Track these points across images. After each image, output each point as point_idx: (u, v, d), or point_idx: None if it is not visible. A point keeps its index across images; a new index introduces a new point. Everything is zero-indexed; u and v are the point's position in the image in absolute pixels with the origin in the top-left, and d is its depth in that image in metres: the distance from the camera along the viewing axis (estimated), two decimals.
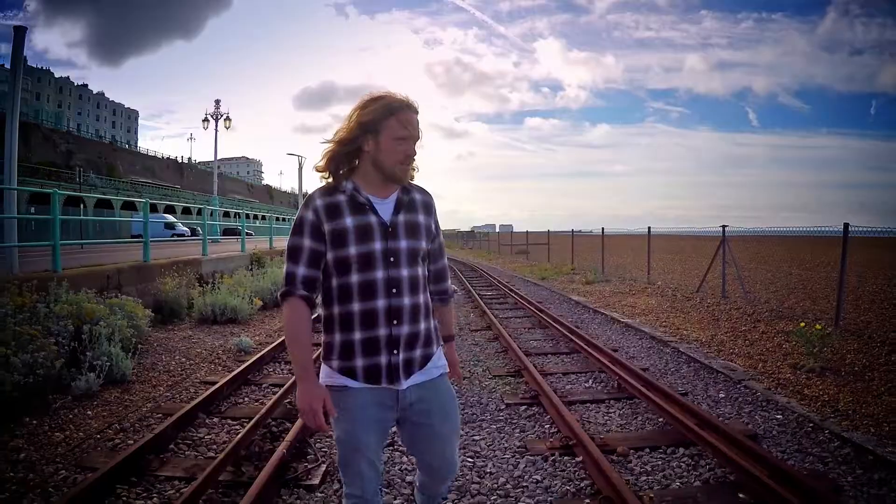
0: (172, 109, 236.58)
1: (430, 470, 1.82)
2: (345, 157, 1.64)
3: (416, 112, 1.63)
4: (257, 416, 3.71)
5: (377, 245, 1.59)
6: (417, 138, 1.63)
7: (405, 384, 1.64)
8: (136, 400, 4.65)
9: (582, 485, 2.99)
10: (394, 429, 1.80)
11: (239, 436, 3.38)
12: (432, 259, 1.78)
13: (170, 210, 37.07)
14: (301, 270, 1.61)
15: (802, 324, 5.67)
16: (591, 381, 5.01)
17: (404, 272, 1.61)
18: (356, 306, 1.60)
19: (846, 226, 6.77)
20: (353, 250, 1.58)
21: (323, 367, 1.68)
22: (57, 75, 78.38)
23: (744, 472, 2.91)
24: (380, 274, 1.59)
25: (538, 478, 3.08)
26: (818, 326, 5.45)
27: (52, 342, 4.75)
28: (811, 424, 3.89)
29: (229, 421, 4.01)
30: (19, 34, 7.86)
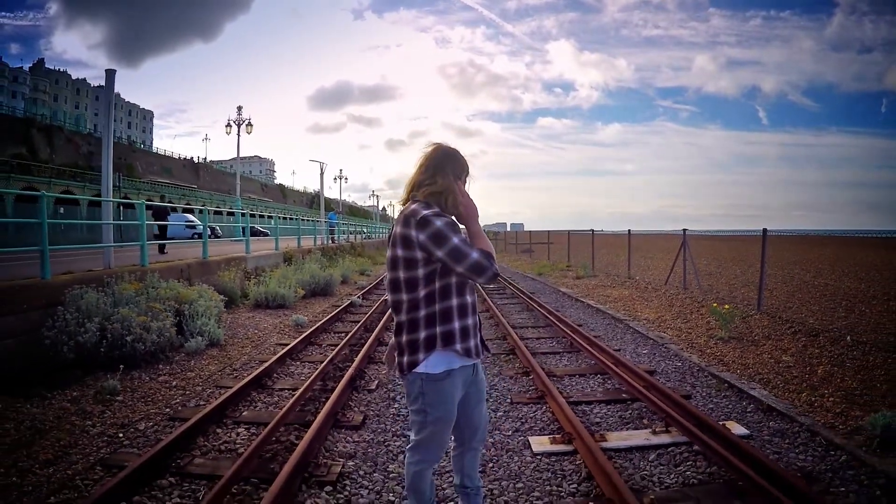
0: (183, 109, 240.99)
1: (472, 431, 2.24)
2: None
3: None
4: (328, 359, 5.67)
5: None
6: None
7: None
8: (233, 355, 6.62)
9: (530, 388, 4.97)
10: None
11: (321, 366, 5.35)
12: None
13: (189, 210, 39.33)
14: None
15: (715, 304, 7.54)
16: (554, 343, 6.93)
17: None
18: (454, 301, 2.02)
19: (765, 231, 8.65)
20: None
21: (431, 355, 2.01)
22: (73, 76, 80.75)
23: (630, 385, 4.82)
24: (461, 279, 2.04)
25: (506, 385, 5.09)
26: (727, 307, 7.32)
27: (168, 314, 6.73)
28: (697, 368, 5.78)
29: (307, 363, 6.00)
30: (110, 77, 9.77)
